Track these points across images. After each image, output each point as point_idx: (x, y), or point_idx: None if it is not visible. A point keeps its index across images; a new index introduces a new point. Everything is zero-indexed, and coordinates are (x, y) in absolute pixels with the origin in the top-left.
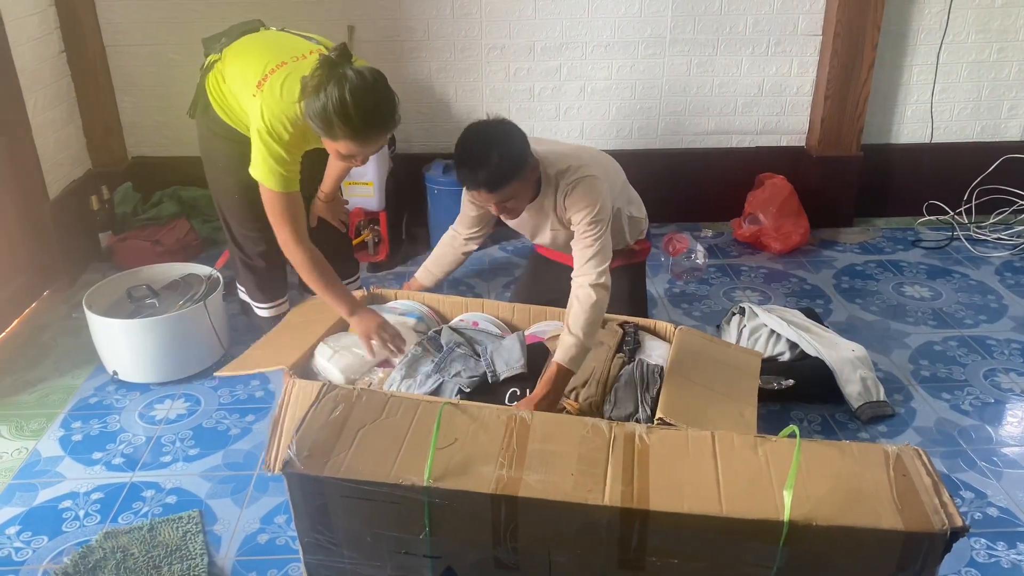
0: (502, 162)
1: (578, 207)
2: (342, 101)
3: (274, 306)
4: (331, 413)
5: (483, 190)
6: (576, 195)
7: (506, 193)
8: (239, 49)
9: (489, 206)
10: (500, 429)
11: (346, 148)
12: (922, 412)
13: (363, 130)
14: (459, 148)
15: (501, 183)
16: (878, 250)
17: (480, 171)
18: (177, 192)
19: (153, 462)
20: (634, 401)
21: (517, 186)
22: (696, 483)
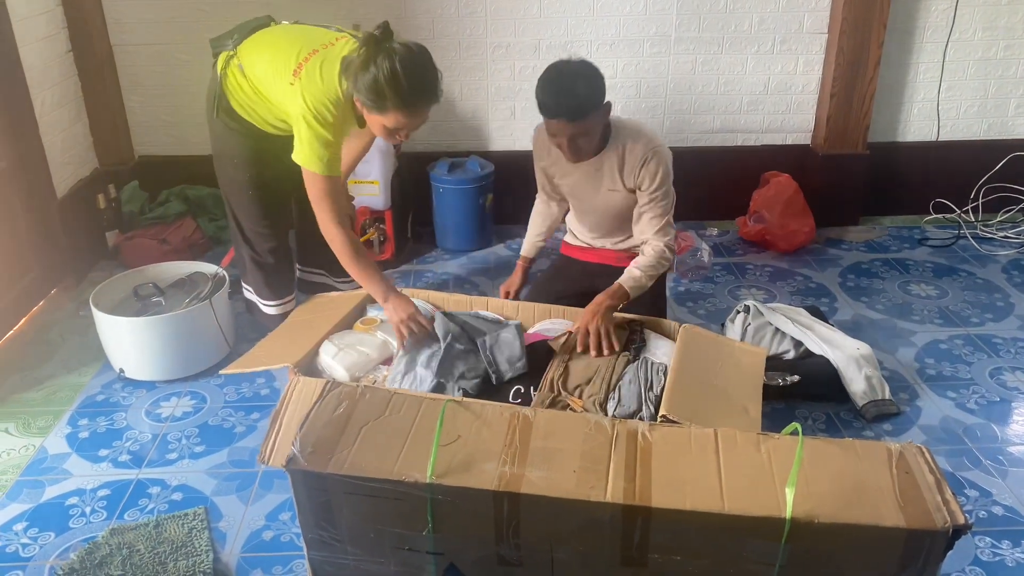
0: (586, 92)
1: (654, 175)
2: (393, 72)
3: (281, 303)
4: (335, 410)
5: (564, 119)
6: (654, 164)
7: (583, 126)
8: (260, 43)
9: (562, 140)
10: (503, 426)
11: (394, 120)
12: (927, 410)
13: (412, 100)
14: (544, 79)
15: (582, 113)
16: (884, 248)
17: (564, 99)
18: (184, 191)
19: (159, 459)
20: (638, 399)
21: (593, 122)
22: (698, 480)
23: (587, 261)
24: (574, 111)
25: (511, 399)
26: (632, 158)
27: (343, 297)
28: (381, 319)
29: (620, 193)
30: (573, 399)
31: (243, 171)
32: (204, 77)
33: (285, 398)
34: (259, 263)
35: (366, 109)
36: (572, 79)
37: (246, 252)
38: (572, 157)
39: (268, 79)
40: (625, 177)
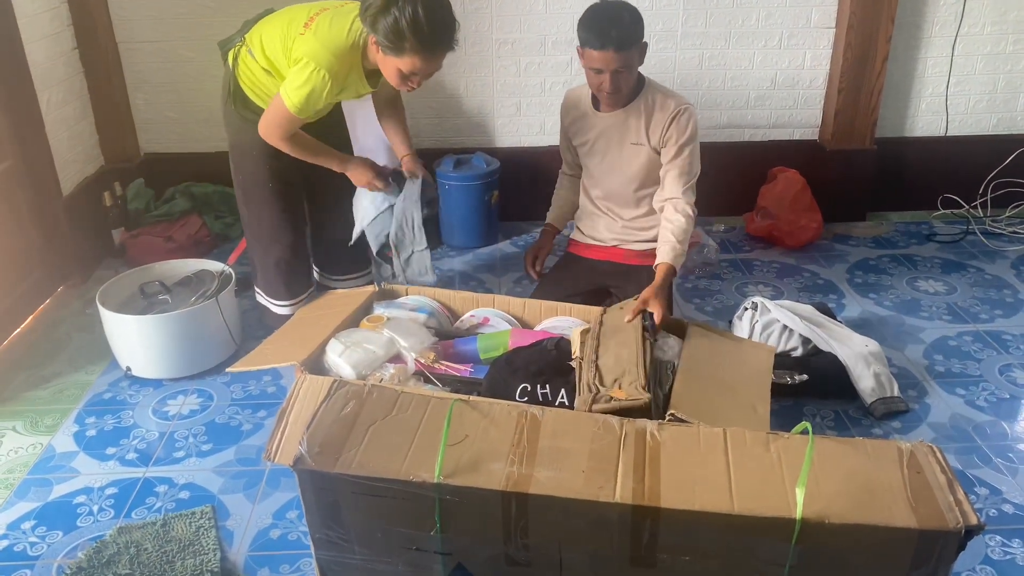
0: (632, 23)
1: (684, 129)
2: (415, 14)
3: (296, 303)
4: (342, 409)
5: (611, 47)
6: (685, 118)
7: (628, 58)
8: (266, 23)
9: (605, 76)
10: (511, 426)
11: (410, 64)
12: (936, 408)
13: (432, 44)
14: (590, 13)
15: (629, 43)
16: (892, 244)
17: (613, 29)
18: (189, 188)
19: (166, 457)
20: None
21: (636, 55)
22: (707, 480)
23: (595, 259)
24: (622, 40)
25: (517, 397)
26: (662, 112)
27: (349, 295)
28: (388, 316)
29: (644, 148)
30: (615, 391)
31: (263, 163)
32: (210, 74)
33: (292, 396)
34: (276, 262)
35: (383, 51)
36: (618, 10)
37: (261, 251)
38: (610, 97)
39: (278, 46)
40: (651, 131)
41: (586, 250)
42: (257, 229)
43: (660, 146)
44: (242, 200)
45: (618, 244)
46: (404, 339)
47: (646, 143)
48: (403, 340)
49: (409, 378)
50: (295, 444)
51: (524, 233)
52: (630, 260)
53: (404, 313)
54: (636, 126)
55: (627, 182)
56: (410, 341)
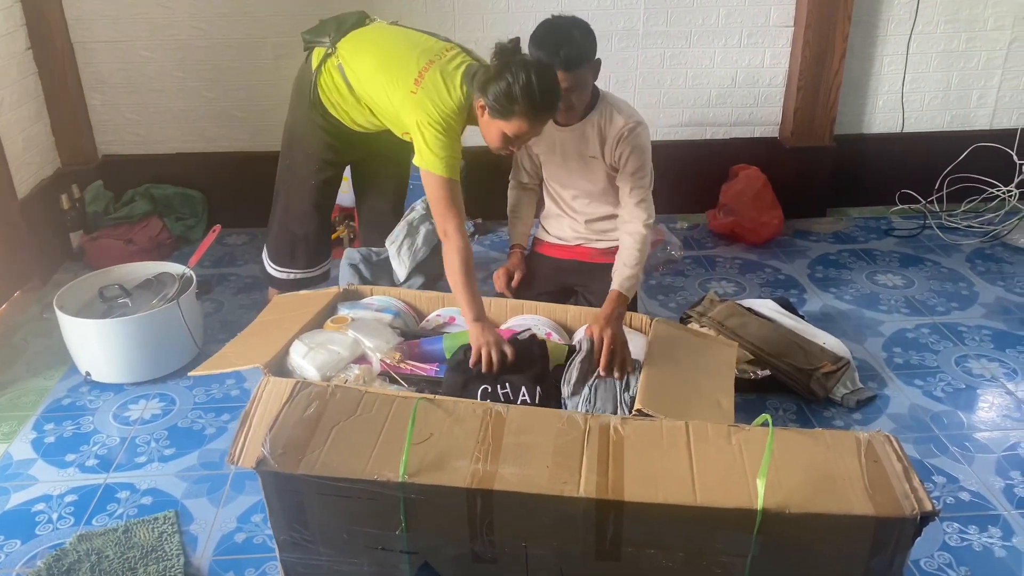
0: (582, 41)
1: (637, 151)
2: (528, 82)
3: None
4: (305, 410)
5: (561, 68)
6: (633, 137)
7: (578, 77)
8: (361, 45)
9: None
10: (475, 423)
11: (516, 127)
12: (895, 399)
13: (540, 110)
14: (539, 32)
15: (579, 62)
16: (851, 239)
17: (563, 48)
18: (149, 190)
19: (128, 463)
20: (613, 402)
21: (587, 74)
22: (670, 473)
23: (560, 258)
24: (571, 60)
25: (479, 398)
26: (613, 129)
27: (313, 296)
28: (352, 317)
29: (599, 161)
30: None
31: (314, 162)
32: (170, 74)
33: (255, 399)
34: (292, 239)
35: (491, 115)
36: (568, 29)
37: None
38: (562, 114)
39: (378, 86)
40: (605, 147)
41: (551, 249)
42: (284, 211)
43: (615, 163)
44: (281, 179)
45: (583, 243)
46: (369, 339)
47: (600, 157)
48: (368, 340)
49: (375, 379)
50: (259, 447)
51: (491, 232)
52: (595, 259)
53: (369, 314)
54: (592, 140)
55: (590, 188)
56: (375, 341)
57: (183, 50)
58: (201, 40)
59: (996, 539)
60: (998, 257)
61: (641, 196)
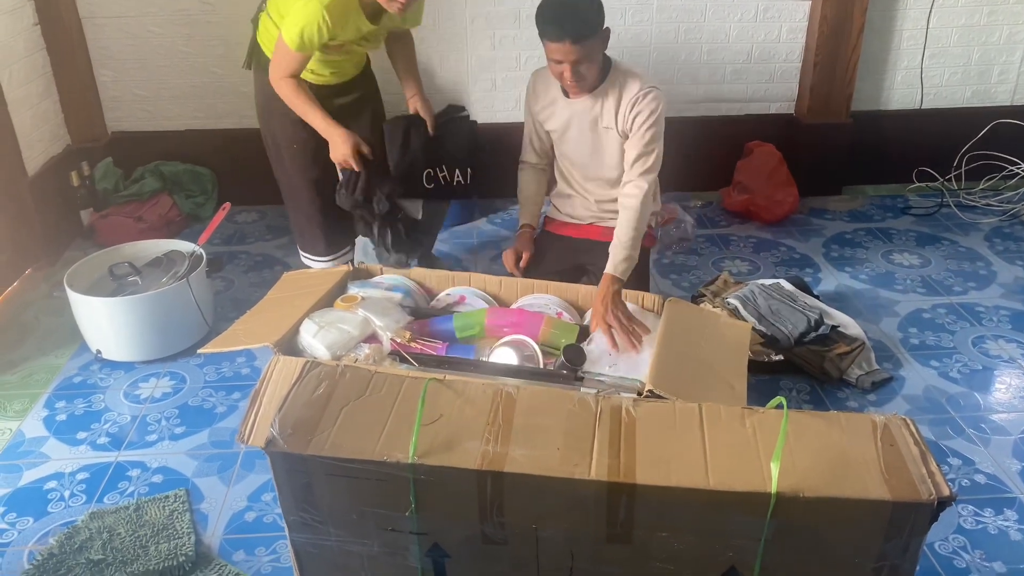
0: (589, 13)
1: (646, 113)
2: None
3: (337, 257)
4: (314, 391)
5: (568, 40)
6: (648, 101)
7: (587, 49)
8: None
9: (566, 67)
10: (486, 404)
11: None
12: (911, 380)
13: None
14: (544, 4)
15: (586, 34)
16: (867, 218)
17: (569, 20)
18: (159, 167)
19: (139, 441)
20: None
21: (596, 46)
22: (683, 456)
23: (571, 237)
24: (578, 32)
25: (425, 183)
26: (628, 93)
27: (323, 274)
28: (362, 296)
29: (613, 132)
30: None
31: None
32: (178, 50)
33: (265, 377)
34: (308, 219)
35: None
36: (573, 2)
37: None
38: (574, 87)
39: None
40: (620, 115)
41: (562, 228)
42: (288, 189)
43: (627, 130)
44: (273, 160)
45: (595, 222)
46: (379, 318)
47: (614, 127)
48: (378, 319)
49: (384, 358)
50: (269, 426)
51: (501, 211)
52: (607, 238)
53: (379, 292)
54: (606, 110)
55: (604, 166)
56: (385, 320)
57: (192, 26)
58: (210, 15)
59: (1012, 522)
60: (1018, 236)
61: (647, 165)
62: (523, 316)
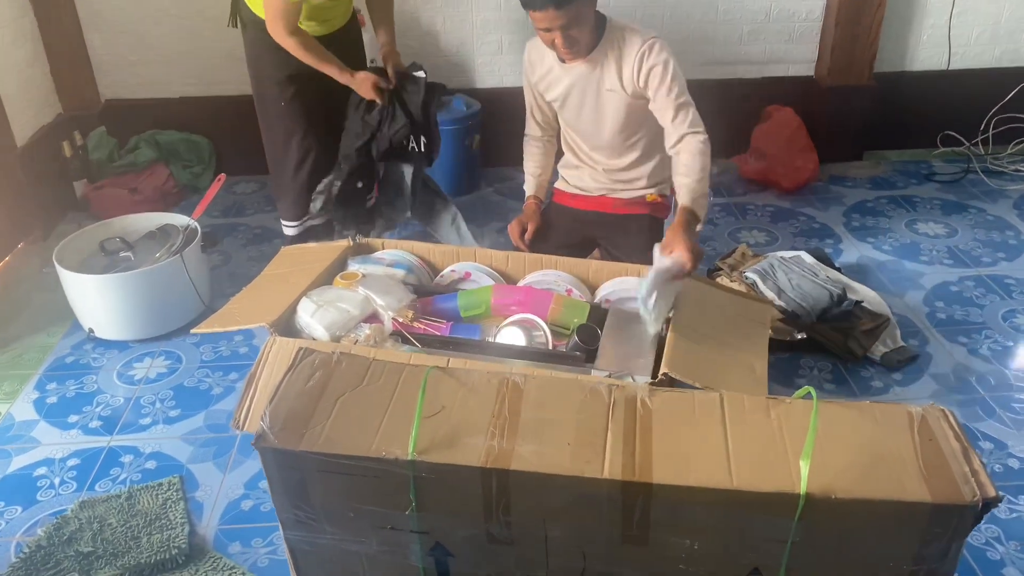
0: None
1: (661, 65)
2: None
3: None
4: (308, 380)
5: (551, 7)
6: (656, 53)
7: (573, 12)
8: None
9: (555, 34)
10: (491, 395)
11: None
12: (939, 357)
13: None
14: None
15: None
16: (890, 185)
17: None
18: (154, 137)
19: (132, 425)
20: None
21: (583, 7)
22: (703, 452)
23: (581, 209)
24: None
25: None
26: (630, 51)
27: (321, 249)
28: (363, 273)
29: (619, 94)
30: None
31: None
32: (171, 13)
33: (261, 360)
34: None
35: None
36: None
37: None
38: (568, 53)
39: None
40: (624, 75)
41: (572, 200)
42: (272, 148)
43: (639, 89)
44: (261, 118)
45: (606, 194)
46: (380, 297)
47: (620, 88)
48: (379, 298)
49: (386, 339)
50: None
51: (508, 180)
52: (618, 209)
53: (380, 269)
54: (608, 72)
55: (611, 132)
56: (387, 299)
57: None
58: None
59: None
60: None
61: (689, 118)
62: (531, 294)
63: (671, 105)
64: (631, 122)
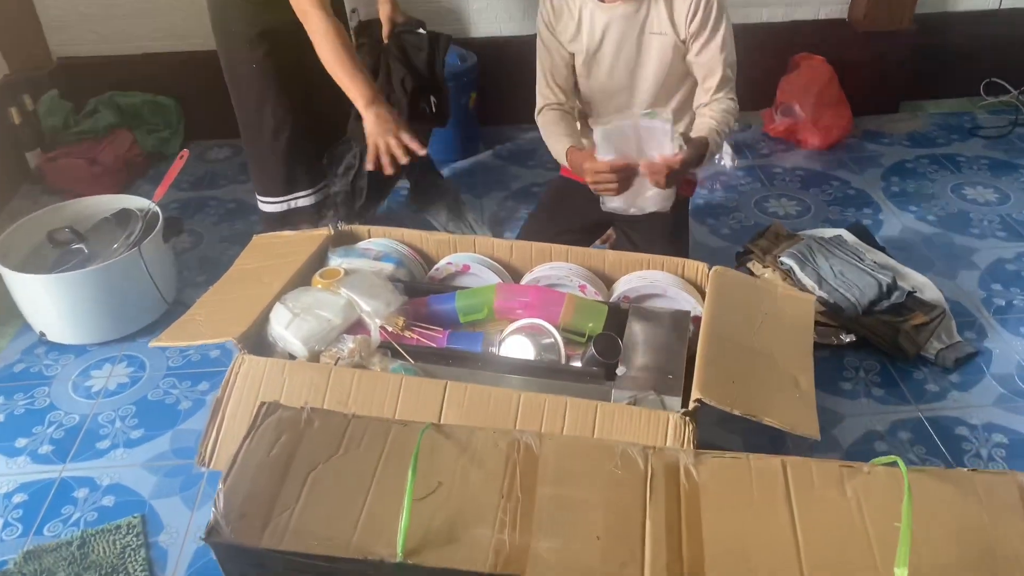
0: None
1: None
2: None
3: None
4: (271, 447)
5: None
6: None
7: None
8: None
9: None
10: (499, 463)
11: None
12: (1000, 353)
13: None
14: None
15: None
16: (930, 141)
17: None
18: (114, 99)
19: (88, 449)
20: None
21: None
22: (767, 548)
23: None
24: None
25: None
26: None
27: (298, 239)
28: (345, 269)
29: (666, 38)
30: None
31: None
32: None
33: (228, 382)
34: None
35: None
36: None
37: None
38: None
39: None
40: (676, 14)
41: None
42: (244, 119)
43: (689, 34)
44: (230, 84)
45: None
46: (366, 301)
47: (670, 31)
48: (365, 303)
49: (373, 353)
50: (234, 443)
51: (508, 141)
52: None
53: (366, 263)
54: (656, 11)
55: (647, 86)
56: (373, 304)
57: None
58: None
59: None
60: None
61: (730, 84)
62: (539, 295)
63: (719, 65)
64: (672, 73)
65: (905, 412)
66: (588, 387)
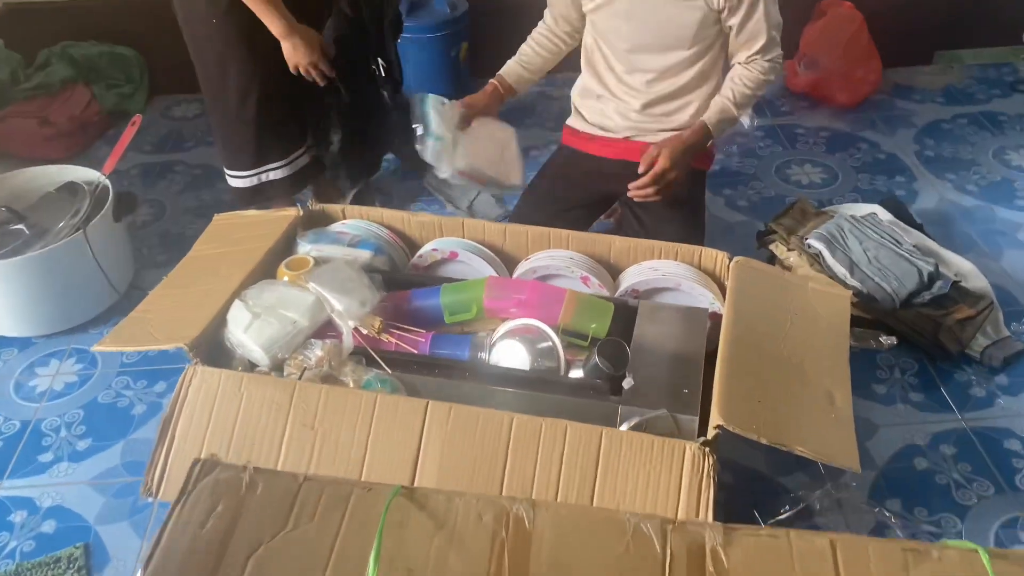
0: None
1: None
2: None
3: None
4: (205, 521)
5: None
6: None
7: None
8: None
9: None
10: (483, 543)
11: None
12: None
13: None
14: None
15: None
16: (967, 97)
17: None
18: (68, 50)
19: (29, 463)
20: None
21: None
22: None
23: (600, 156)
24: None
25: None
26: None
27: (263, 219)
28: (315, 258)
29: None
30: None
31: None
32: None
33: (177, 398)
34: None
35: None
36: None
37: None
38: None
39: None
40: None
41: (589, 143)
42: (206, 81)
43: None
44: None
45: (633, 135)
46: (338, 299)
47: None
48: (336, 300)
49: (346, 362)
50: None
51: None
52: None
53: (339, 250)
54: None
55: (667, 47)
56: (346, 302)
57: None
58: None
59: None
60: None
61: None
62: (536, 291)
63: (764, 29)
64: (695, 40)
65: (948, 422)
66: (591, 403)
